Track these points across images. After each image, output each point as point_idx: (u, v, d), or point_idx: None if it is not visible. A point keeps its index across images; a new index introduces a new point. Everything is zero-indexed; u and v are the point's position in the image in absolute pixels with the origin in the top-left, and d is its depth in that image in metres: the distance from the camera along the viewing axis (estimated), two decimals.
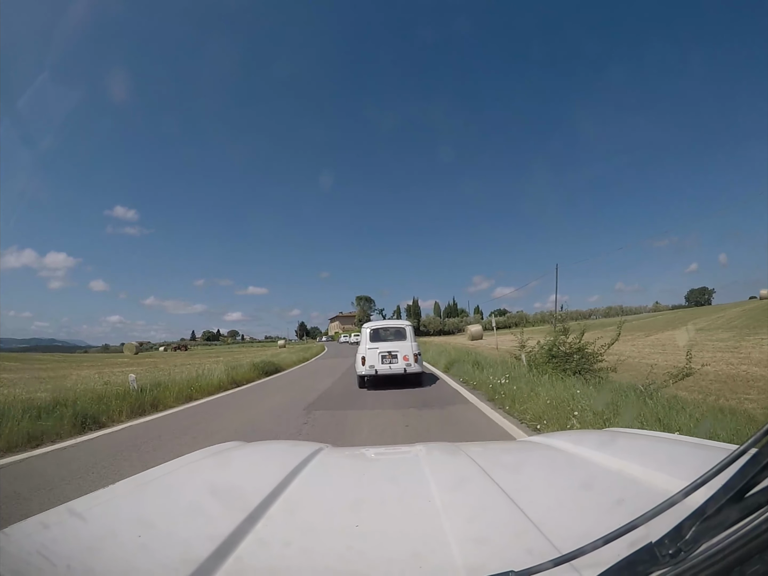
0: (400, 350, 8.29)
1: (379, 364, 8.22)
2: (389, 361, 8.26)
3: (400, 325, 8.89)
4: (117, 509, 0.73)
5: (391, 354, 8.28)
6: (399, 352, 8.28)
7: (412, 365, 8.20)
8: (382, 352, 8.30)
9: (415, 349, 8.32)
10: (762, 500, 0.35)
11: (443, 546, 0.56)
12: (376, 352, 8.32)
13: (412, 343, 8.41)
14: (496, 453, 1.27)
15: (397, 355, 8.27)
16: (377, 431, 4.79)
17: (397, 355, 8.27)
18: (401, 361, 8.22)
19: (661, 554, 0.38)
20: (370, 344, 8.46)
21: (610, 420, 3.73)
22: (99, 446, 4.63)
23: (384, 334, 8.78)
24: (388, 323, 9.69)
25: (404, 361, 8.22)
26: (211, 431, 5.19)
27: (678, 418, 3.45)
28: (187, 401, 7.81)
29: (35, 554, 0.53)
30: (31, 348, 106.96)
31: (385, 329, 8.94)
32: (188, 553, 0.54)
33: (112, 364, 25.45)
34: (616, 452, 0.94)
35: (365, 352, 8.40)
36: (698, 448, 0.98)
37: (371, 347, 8.40)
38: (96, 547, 0.58)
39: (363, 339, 8.72)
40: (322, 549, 0.59)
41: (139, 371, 13.30)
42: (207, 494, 0.82)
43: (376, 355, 8.28)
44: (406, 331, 8.62)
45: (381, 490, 0.89)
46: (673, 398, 4.30)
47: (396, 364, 8.22)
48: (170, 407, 7.14)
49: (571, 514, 0.67)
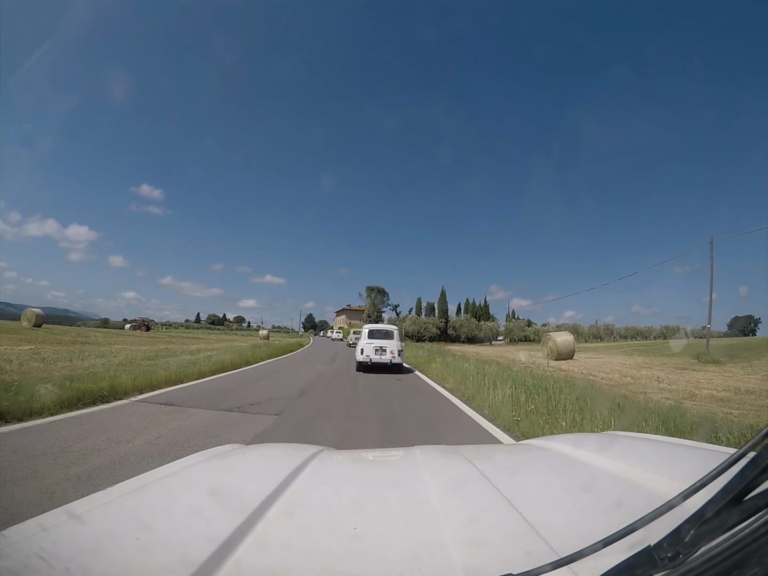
0: (388, 347, 11.50)
1: (373, 355, 11.36)
2: (380, 354, 11.41)
3: (390, 329, 12.19)
4: (116, 511, 0.73)
5: (382, 348, 11.46)
6: (387, 347, 11.48)
7: (396, 358, 11.45)
8: (375, 346, 11.45)
9: (399, 347, 11.65)
10: (761, 503, 0.35)
11: (442, 548, 0.56)
12: (371, 346, 11.45)
13: (397, 342, 11.71)
14: (495, 455, 1.27)
15: (386, 349, 11.43)
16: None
17: (386, 350, 11.43)
18: (389, 354, 11.40)
19: (659, 557, 0.38)
20: (368, 340, 11.64)
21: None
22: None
23: (378, 334, 11.92)
24: (381, 326, 12.90)
25: (390, 354, 11.40)
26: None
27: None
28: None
29: (34, 556, 0.53)
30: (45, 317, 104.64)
31: (379, 330, 12.14)
32: (187, 555, 0.54)
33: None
34: (615, 455, 0.95)
35: (364, 346, 11.50)
36: (697, 452, 0.98)
37: (368, 342, 11.56)
38: (95, 550, 0.57)
39: (362, 336, 11.92)
40: (320, 551, 0.59)
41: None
42: (206, 496, 0.81)
43: (371, 349, 11.41)
44: (394, 333, 11.89)
45: (379, 492, 0.89)
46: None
47: (385, 356, 11.39)
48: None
49: (570, 516, 0.67)
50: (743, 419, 5.31)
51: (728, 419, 5.13)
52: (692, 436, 4.32)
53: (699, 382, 10.86)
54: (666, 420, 4.54)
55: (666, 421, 4.50)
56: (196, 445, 3.83)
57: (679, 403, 6.72)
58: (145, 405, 5.66)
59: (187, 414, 5.18)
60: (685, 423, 4.50)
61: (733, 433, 3.92)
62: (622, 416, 4.83)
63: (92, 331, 34.79)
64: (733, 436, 3.87)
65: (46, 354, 11.16)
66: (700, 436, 4.18)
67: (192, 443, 3.95)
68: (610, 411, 4.91)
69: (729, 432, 3.96)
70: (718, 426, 4.41)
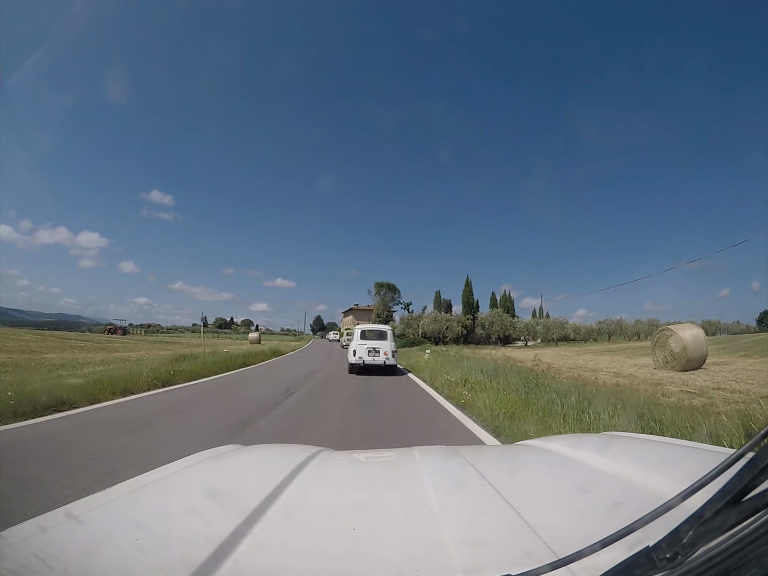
0: (381, 347, 11.03)
1: (366, 357, 10.88)
2: (373, 355, 10.92)
3: (383, 329, 11.74)
4: (114, 512, 0.72)
5: (375, 349, 11.00)
6: (381, 348, 11.01)
7: (390, 359, 10.97)
8: (368, 347, 11.00)
9: (393, 348, 11.16)
10: (759, 504, 0.35)
11: (441, 549, 0.56)
12: (364, 347, 11.00)
13: (390, 342, 11.21)
14: (493, 456, 1.27)
15: (380, 350, 10.98)
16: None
17: (380, 351, 10.98)
18: (382, 355, 10.94)
19: (658, 558, 0.38)
20: (360, 341, 11.16)
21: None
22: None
23: (370, 335, 11.48)
24: (374, 327, 12.50)
25: (384, 355, 10.93)
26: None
27: None
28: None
29: (32, 557, 0.53)
30: (57, 323, 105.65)
31: (371, 331, 11.69)
32: (186, 555, 0.54)
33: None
34: (613, 456, 0.95)
35: (356, 347, 11.00)
36: (696, 452, 0.98)
37: (361, 343, 11.08)
38: (93, 550, 0.57)
39: (355, 337, 11.40)
40: (319, 552, 0.59)
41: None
42: (204, 497, 0.81)
43: (364, 350, 10.95)
44: (387, 334, 11.40)
45: (378, 493, 0.89)
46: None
47: (378, 357, 10.92)
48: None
49: (569, 517, 0.67)
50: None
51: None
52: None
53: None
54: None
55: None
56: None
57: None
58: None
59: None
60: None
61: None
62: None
63: (56, 336, 29.47)
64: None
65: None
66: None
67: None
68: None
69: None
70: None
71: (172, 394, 7.53)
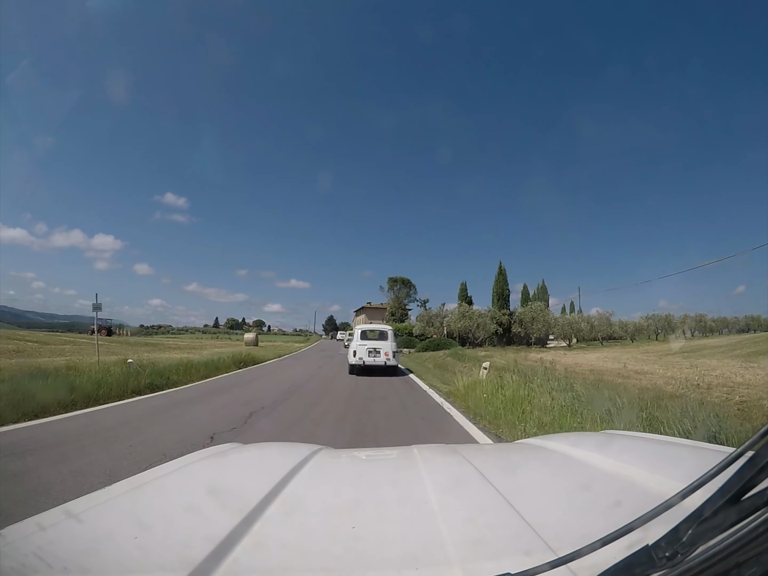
0: (382, 348, 10.84)
1: (366, 357, 10.69)
2: (374, 356, 10.74)
3: (384, 329, 11.60)
4: (114, 511, 0.72)
5: (376, 350, 10.82)
6: (381, 349, 10.82)
7: (390, 360, 10.78)
8: (369, 348, 10.82)
9: (393, 348, 10.99)
10: (759, 503, 0.35)
11: (440, 547, 0.56)
12: (364, 347, 10.81)
13: (391, 343, 11.00)
14: (493, 455, 1.27)
15: (380, 351, 10.80)
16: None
17: (380, 352, 10.80)
18: (383, 356, 10.75)
19: (658, 557, 0.38)
20: (360, 341, 10.94)
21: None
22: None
23: (371, 335, 11.26)
24: (375, 327, 12.43)
25: (385, 356, 10.75)
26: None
27: None
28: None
29: (31, 556, 0.53)
30: (71, 324, 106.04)
31: (372, 331, 11.49)
32: (185, 554, 0.54)
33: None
34: (613, 454, 0.95)
35: (357, 348, 10.80)
36: (695, 451, 0.98)
37: (361, 344, 10.86)
38: (93, 549, 0.57)
39: (355, 337, 11.23)
40: (319, 550, 0.59)
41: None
42: (204, 496, 0.81)
43: (364, 350, 10.76)
44: (388, 334, 11.23)
45: (378, 491, 0.89)
46: None
47: (379, 358, 10.73)
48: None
49: (568, 516, 0.67)
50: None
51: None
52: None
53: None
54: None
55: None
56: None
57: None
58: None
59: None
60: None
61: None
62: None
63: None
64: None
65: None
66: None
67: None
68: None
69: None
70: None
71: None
